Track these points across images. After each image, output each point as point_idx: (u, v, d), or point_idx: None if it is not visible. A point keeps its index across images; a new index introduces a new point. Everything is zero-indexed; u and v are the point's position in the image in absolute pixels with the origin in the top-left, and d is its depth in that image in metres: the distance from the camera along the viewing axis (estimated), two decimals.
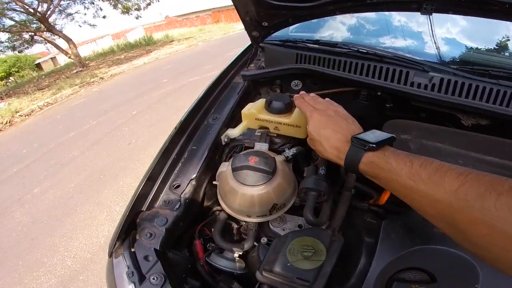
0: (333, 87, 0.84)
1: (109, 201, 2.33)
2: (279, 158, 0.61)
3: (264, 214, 0.58)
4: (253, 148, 0.66)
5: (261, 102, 0.70)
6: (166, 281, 0.50)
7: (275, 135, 0.69)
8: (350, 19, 1.14)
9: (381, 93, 0.76)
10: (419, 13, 0.76)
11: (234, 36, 10.11)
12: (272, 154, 0.61)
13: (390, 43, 1.00)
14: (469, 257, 0.45)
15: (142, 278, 0.51)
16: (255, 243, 0.60)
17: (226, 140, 0.71)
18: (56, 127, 4.44)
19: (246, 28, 0.97)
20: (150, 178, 0.62)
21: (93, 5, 10.36)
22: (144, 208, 0.61)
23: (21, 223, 2.33)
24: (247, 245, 0.61)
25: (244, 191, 0.54)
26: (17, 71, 14.45)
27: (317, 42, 0.94)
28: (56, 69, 11.94)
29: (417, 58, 0.77)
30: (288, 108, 0.65)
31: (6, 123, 5.45)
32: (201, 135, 0.72)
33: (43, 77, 10.37)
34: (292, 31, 1.17)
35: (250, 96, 0.95)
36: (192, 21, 20.95)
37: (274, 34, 1.03)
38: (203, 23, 19.81)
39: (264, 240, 0.60)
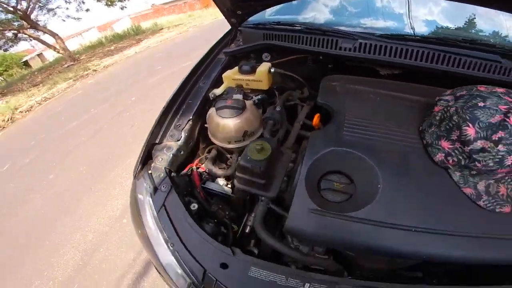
0: (290, 56, 1.13)
1: (120, 177, 2.62)
2: (248, 102, 0.90)
3: (239, 140, 0.87)
4: None
5: (235, 68, 0.99)
6: (171, 189, 0.76)
7: (249, 90, 0.99)
8: (315, 2, 1.40)
9: (322, 57, 1.05)
10: None
11: (224, 20, 10.02)
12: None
13: (339, 19, 1.27)
14: (371, 161, 0.67)
15: (155, 189, 0.77)
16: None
17: (212, 96, 1.00)
18: (59, 119, 4.66)
19: (225, 17, 1.24)
20: (160, 121, 0.91)
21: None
22: (157, 141, 0.90)
23: (43, 207, 2.56)
24: (230, 170, 0.90)
25: (224, 122, 0.83)
26: (5, 70, 14.33)
27: (278, 23, 1.21)
28: (46, 65, 11.87)
29: (349, 30, 1.04)
30: (253, 69, 0.94)
31: (8, 120, 5.63)
32: (195, 93, 1.01)
33: (35, 73, 10.37)
34: (271, 15, 1.44)
35: (230, 67, 1.24)
36: (181, 8, 20.52)
37: (251, 18, 1.29)
38: (191, 9, 19.41)
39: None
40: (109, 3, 10.28)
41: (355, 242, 0.60)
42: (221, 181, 0.90)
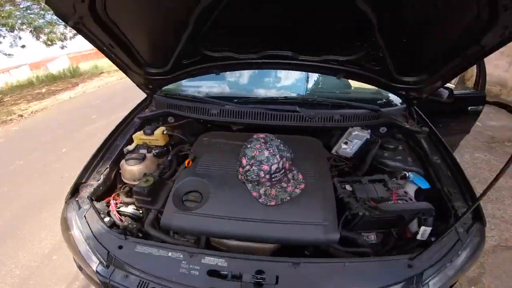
0: (184, 120, 1.68)
1: (48, 221, 2.73)
2: (149, 154, 1.44)
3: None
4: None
5: (141, 131, 1.54)
6: (90, 207, 1.14)
7: (153, 146, 1.53)
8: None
9: (202, 120, 1.65)
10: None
11: None
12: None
13: (218, 89, 1.92)
14: (208, 182, 1.22)
15: (79, 207, 1.16)
16: None
17: (126, 151, 1.51)
18: None
19: (140, 88, 1.64)
20: (86, 167, 1.36)
21: (11, 34, 9.33)
22: (83, 181, 1.34)
23: None
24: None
25: (131, 168, 1.36)
26: None
27: (178, 95, 1.72)
28: None
29: (220, 101, 1.58)
30: (153, 132, 1.50)
31: None
32: (113, 149, 1.51)
33: None
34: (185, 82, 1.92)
35: (142, 128, 1.75)
36: None
37: (165, 87, 1.76)
38: None
39: None
40: (49, 43, 9.75)
41: (197, 228, 1.05)
42: (132, 207, 1.37)
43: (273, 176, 1.07)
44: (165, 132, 1.53)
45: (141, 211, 1.28)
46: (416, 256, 0.94)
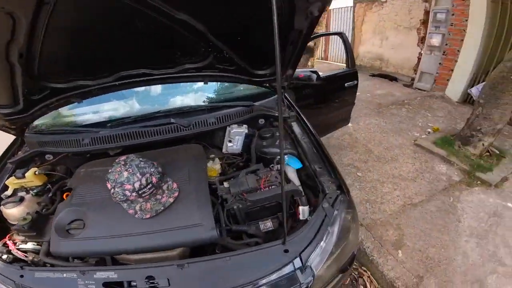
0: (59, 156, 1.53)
1: None
2: (28, 195, 1.32)
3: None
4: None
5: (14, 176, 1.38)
6: None
7: (33, 186, 1.38)
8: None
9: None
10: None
11: None
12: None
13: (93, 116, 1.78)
14: (83, 209, 1.16)
15: None
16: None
17: (4, 197, 1.33)
18: None
19: (6, 131, 1.44)
20: None
21: None
22: None
23: None
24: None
25: (10, 211, 1.24)
26: None
27: (48, 130, 1.57)
28: None
29: (91, 129, 1.48)
30: (24, 175, 1.35)
31: None
32: None
33: None
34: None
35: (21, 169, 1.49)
36: None
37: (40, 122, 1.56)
38: None
39: None
40: None
41: (83, 251, 1.07)
42: (31, 242, 1.20)
43: (140, 192, 1.08)
44: (37, 173, 1.42)
45: (40, 245, 1.24)
46: (287, 240, 0.99)
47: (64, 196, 1.33)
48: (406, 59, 5.97)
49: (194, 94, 1.79)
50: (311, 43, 4.56)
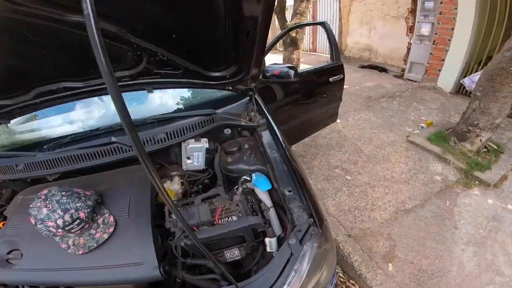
0: None
1: None
2: None
3: None
4: None
5: None
6: None
7: None
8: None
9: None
10: None
11: None
12: None
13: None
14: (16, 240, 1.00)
15: None
16: None
17: None
18: None
19: None
20: None
21: None
22: None
23: None
24: None
25: None
26: None
27: None
28: None
29: (23, 153, 1.29)
30: None
31: None
32: None
33: None
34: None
35: None
36: None
37: None
38: None
39: None
40: None
41: (20, 281, 0.99)
42: None
43: (67, 229, 0.98)
44: None
45: None
46: (243, 286, 0.84)
47: (1, 224, 1.21)
48: (396, 49, 5.74)
49: (140, 104, 1.49)
50: (293, 34, 4.26)
